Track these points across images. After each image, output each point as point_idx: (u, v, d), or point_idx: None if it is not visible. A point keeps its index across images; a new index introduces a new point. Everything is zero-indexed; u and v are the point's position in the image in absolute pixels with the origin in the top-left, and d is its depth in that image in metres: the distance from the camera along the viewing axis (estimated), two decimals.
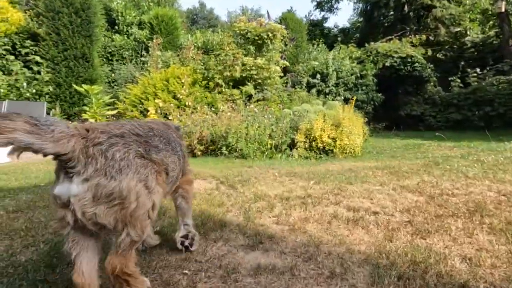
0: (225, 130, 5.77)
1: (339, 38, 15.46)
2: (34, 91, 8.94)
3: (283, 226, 2.31)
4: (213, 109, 6.91)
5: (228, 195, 3.13)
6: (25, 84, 8.90)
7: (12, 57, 9.25)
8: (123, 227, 1.20)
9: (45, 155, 1.06)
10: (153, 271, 1.68)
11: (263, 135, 5.99)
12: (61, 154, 1.08)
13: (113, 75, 11.59)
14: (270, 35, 8.35)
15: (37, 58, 9.35)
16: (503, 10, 12.87)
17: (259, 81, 8.27)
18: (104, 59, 11.96)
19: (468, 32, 15.45)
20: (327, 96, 11.52)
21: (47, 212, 2.63)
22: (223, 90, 7.71)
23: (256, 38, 8.43)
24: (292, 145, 6.32)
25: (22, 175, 4.08)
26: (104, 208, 1.13)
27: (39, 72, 9.24)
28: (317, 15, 28.51)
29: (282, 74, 9.03)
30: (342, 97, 11.14)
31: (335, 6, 23.20)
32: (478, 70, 12.55)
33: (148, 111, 7.13)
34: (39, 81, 9.12)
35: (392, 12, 17.09)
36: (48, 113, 8.55)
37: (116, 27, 13.39)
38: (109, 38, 12.51)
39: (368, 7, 18.22)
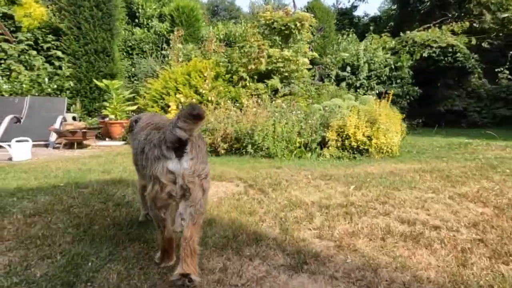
0: (251, 127, 5.55)
1: (371, 27, 14.76)
2: (55, 86, 9.10)
3: (328, 241, 2.05)
4: (237, 104, 6.71)
5: (259, 201, 2.91)
6: (46, 79, 9.08)
7: (34, 52, 9.47)
8: (200, 198, 1.61)
9: (183, 138, 1.50)
10: None
11: (291, 133, 5.73)
12: (187, 139, 1.52)
13: (133, 69, 11.66)
14: (298, 24, 8.01)
15: (59, 53, 9.51)
16: None
17: (286, 74, 7.98)
18: (124, 53, 12.05)
19: None
20: (358, 90, 11.05)
21: (66, 217, 2.51)
22: (248, 84, 7.48)
23: (283, 28, 8.13)
24: (323, 143, 6.02)
25: (41, 174, 4.06)
26: (198, 179, 1.59)
27: (60, 67, 9.39)
28: (346, 3, 27.64)
29: (310, 67, 8.67)
30: (376, 91, 10.63)
31: None
32: None
33: (169, 106, 7.03)
34: (60, 76, 9.28)
35: None
36: (68, 109, 8.69)
37: (137, 20, 13.46)
38: (129, 32, 12.59)
39: None
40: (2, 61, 9.02)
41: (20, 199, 3.02)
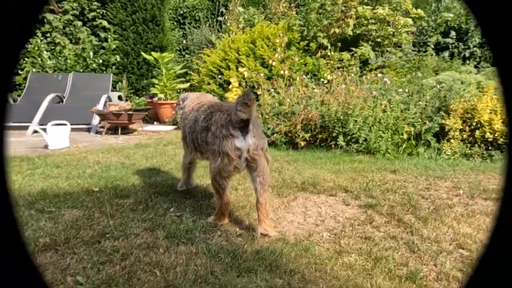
0: (342, 111, 4.37)
1: None
2: (100, 61, 8.76)
3: None
4: (320, 80, 5.53)
5: (408, 245, 1.79)
6: (91, 53, 8.76)
7: (79, 23, 9.20)
8: (265, 166, 2.07)
9: (245, 118, 1.91)
10: None
11: (399, 120, 4.45)
12: (248, 119, 1.92)
13: (184, 41, 11.01)
14: None
15: (105, 23, 9.13)
16: None
17: (378, 40, 6.57)
18: (175, 23, 11.44)
19: None
20: (467, 61, 9.15)
21: (93, 259, 1.67)
22: (329, 53, 6.22)
23: None
24: (441, 134, 4.66)
25: (76, 170, 3.39)
26: (262, 152, 2.05)
27: (106, 39, 9.03)
28: None
29: (413, 29, 7.11)
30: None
31: None
32: None
33: (229, 83, 6.11)
34: (106, 50, 8.93)
35: None
36: (114, 87, 8.27)
37: None
38: None
39: None
40: (48, 34, 8.88)
41: (39, 213, 2.29)
